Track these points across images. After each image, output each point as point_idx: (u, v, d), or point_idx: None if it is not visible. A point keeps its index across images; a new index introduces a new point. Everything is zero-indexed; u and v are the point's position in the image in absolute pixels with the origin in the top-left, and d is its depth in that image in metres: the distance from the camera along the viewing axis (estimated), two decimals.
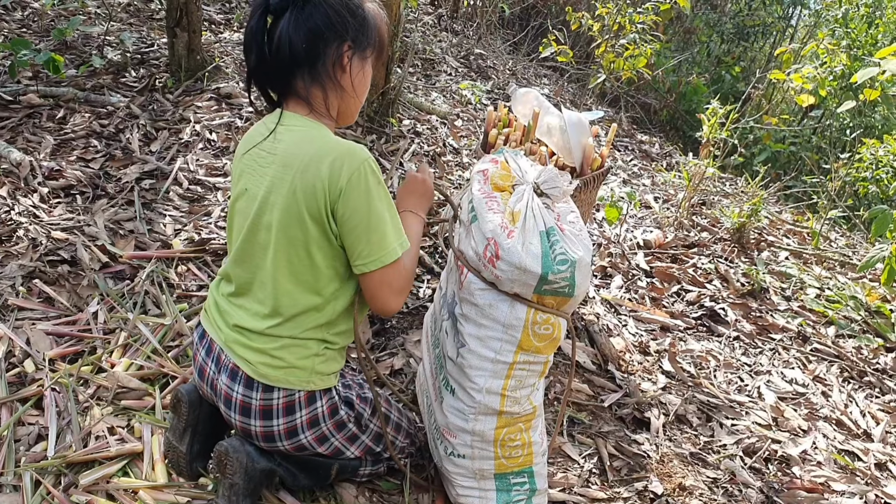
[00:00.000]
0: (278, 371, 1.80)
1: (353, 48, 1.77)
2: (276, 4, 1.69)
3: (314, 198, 1.67)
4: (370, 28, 1.80)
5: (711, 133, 4.62)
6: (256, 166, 1.79)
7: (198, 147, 3.76)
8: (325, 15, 1.70)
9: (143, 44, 4.75)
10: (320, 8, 1.70)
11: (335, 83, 1.77)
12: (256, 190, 1.77)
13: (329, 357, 1.87)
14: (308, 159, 1.68)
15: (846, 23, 7.45)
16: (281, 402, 1.82)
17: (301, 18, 1.69)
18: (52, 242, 2.86)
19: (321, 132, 1.75)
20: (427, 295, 3.10)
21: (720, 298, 3.80)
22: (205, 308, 1.99)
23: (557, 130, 2.82)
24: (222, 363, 1.86)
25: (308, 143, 1.72)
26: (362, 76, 1.83)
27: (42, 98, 3.86)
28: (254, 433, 1.85)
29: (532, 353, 1.93)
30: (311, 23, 1.69)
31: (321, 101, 1.79)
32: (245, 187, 1.81)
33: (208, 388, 1.91)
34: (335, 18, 1.71)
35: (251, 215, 1.78)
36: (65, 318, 2.60)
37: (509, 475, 2.09)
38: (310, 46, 1.71)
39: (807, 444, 2.80)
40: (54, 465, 2.02)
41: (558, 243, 1.84)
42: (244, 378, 1.81)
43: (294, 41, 1.69)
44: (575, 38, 8.07)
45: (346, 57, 1.76)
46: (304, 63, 1.73)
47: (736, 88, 9.40)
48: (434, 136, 4.78)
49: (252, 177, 1.79)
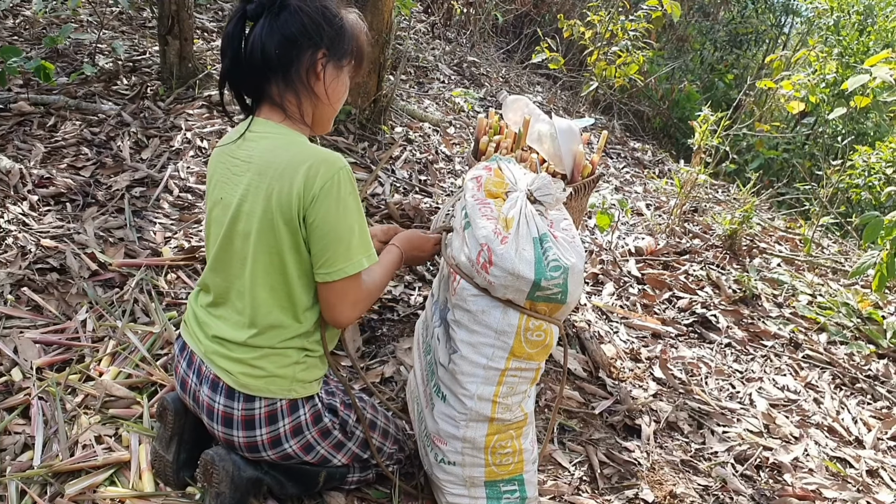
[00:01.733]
0: (259, 380, 1.79)
1: (327, 56, 1.77)
2: (253, 10, 1.71)
3: (289, 205, 1.68)
4: (347, 37, 1.80)
5: (703, 140, 4.63)
6: (230, 174, 1.78)
7: (189, 154, 3.75)
8: (300, 22, 1.71)
9: (135, 52, 4.74)
10: (296, 15, 1.71)
11: (309, 90, 1.78)
12: (230, 198, 1.77)
13: (310, 364, 1.87)
14: (283, 166, 1.68)
15: (838, 30, 7.48)
16: (263, 411, 1.81)
17: (276, 25, 1.70)
18: (42, 250, 2.85)
19: (297, 139, 1.76)
20: (418, 303, 3.09)
21: (712, 305, 3.80)
22: (184, 320, 1.98)
23: (548, 138, 2.82)
24: (203, 374, 1.85)
25: (283, 149, 1.72)
26: (337, 84, 1.83)
27: (33, 106, 3.85)
28: (237, 444, 1.84)
29: (524, 360, 1.93)
30: (286, 29, 1.70)
31: (295, 108, 1.79)
32: (220, 196, 1.81)
33: (191, 400, 1.91)
34: (310, 26, 1.72)
35: (226, 224, 1.78)
36: (53, 326, 2.58)
37: (500, 483, 2.08)
38: (282, 52, 1.71)
39: (798, 452, 2.80)
40: (40, 474, 2.00)
41: (551, 250, 1.84)
42: (225, 389, 1.80)
43: (267, 46, 1.70)
44: (568, 46, 8.09)
45: (320, 64, 1.77)
46: (277, 69, 1.73)
47: (729, 96, 9.43)
48: (426, 143, 4.78)
49: (226, 185, 1.79)
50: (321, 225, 1.69)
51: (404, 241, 2.10)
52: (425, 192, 4.10)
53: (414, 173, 4.28)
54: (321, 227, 1.69)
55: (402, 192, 4.03)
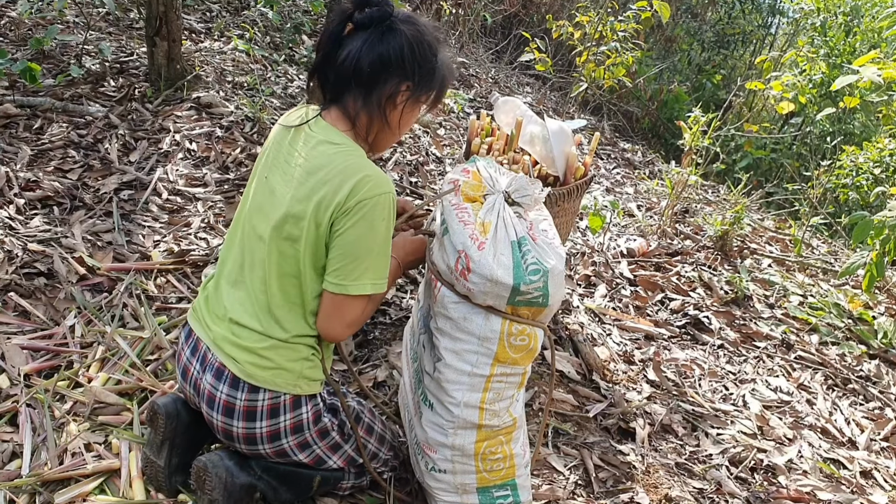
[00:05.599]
0: (266, 371, 1.78)
1: (411, 90, 1.78)
2: (360, 20, 1.71)
3: (327, 207, 1.69)
4: (436, 78, 1.81)
5: (693, 141, 4.62)
6: (285, 164, 1.80)
7: (177, 157, 3.72)
8: (399, 48, 1.71)
9: (122, 53, 4.69)
10: (398, 40, 1.71)
11: (382, 115, 1.78)
12: (274, 184, 1.79)
13: (316, 363, 1.87)
14: (338, 171, 1.70)
15: (825, 31, 7.51)
16: (266, 403, 1.80)
17: (376, 42, 1.71)
18: (29, 255, 2.81)
19: (357, 152, 1.76)
20: (410, 306, 3.07)
21: (704, 307, 3.80)
22: (193, 307, 1.97)
23: (540, 139, 2.81)
24: (208, 362, 1.84)
25: (343, 157, 1.73)
26: (410, 117, 1.86)
27: (19, 108, 3.80)
28: (235, 435, 1.82)
29: (509, 365, 1.92)
30: (385, 52, 1.70)
31: (364, 125, 1.81)
32: (266, 175, 1.83)
33: (191, 389, 1.89)
34: (407, 56, 1.72)
35: (261, 206, 1.80)
36: (41, 331, 2.55)
37: (492, 489, 2.06)
38: (373, 72, 1.72)
39: (792, 453, 2.79)
40: (29, 483, 1.97)
41: (530, 253, 1.83)
42: (230, 377, 1.79)
43: (361, 61, 1.71)
44: (557, 47, 8.08)
45: (403, 96, 1.77)
46: (361, 84, 1.74)
47: (717, 96, 9.45)
48: (416, 145, 4.76)
49: (275, 170, 1.81)
50: (344, 236, 1.71)
51: (398, 248, 2.07)
52: (416, 195, 4.08)
53: (405, 175, 4.26)
54: (343, 238, 1.71)
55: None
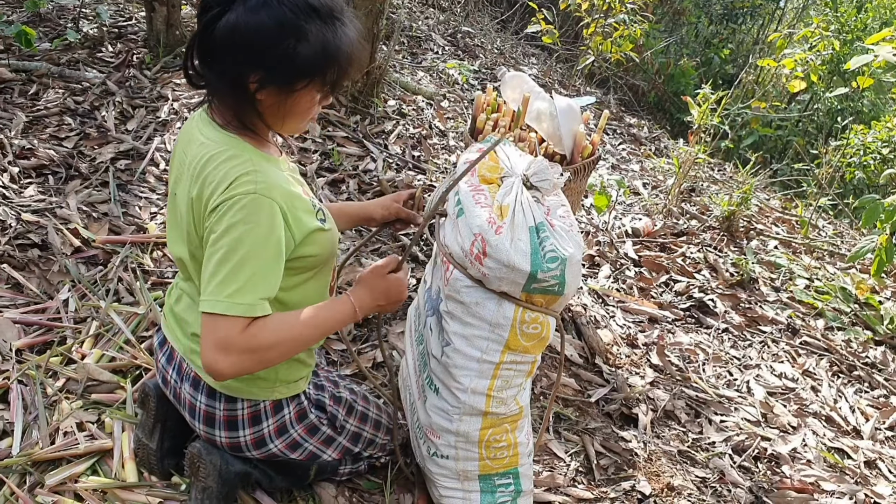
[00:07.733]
0: (240, 382, 1.70)
1: (263, 79, 1.47)
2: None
3: (196, 213, 1.51)
4: (299, 62, 1.46)
5: (702, 119, 4.53)
6: (176, 169, 1.64)
7: (176, 126, 3.64)
8: (233, 31, 1.42)
9: (121, 17, 4.59)
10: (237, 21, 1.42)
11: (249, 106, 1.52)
12: (174, 191, 1.64)
13: (293, 364, 1.77)
14: (207, 173, 1.48)
15: (836, 6, 7.38)
16: (246, 412, 1.74)
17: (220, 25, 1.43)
18: (22, 225, 2.75)
19: (234, 145, 1.53)
20: (411, 285, 3.01)
21: (709, 289, 3.74)
22: (163, 313, 1.87)
23: (547, 116, 2.73)
24: (184, 371, 1.76)
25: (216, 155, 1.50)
26: (291, 104, 1.53)
27: (14, 72, 3.71)
28: (219, 444, 1.77)
29: (519, 353, 1.86)
30: (222, 34, 1.43)
31: (235, 117, 1.55)
32: (174, 191, 1.64)
33: (172, 397, 1.83)
34: (257, 41, 1.43)
35: (174, 217, 1.65)
36: (34, 305, 2.49)
37: (494, 476, 2.02)
38: (216, 59, 1.48)
39: (796, 442, 2.75)
40: (19, 462, 1.93)
41: (548, 240, 1.76)
42: (206, 388, 1.72)
43: (207, 45, 1.47)
44: (564, 18, 7.94)
45: (254, 86, 1.48)
46: (212, 74, 1.50)
47: (724, 70, 9.32)
48: (420, 117, 4.67)
49: (176, 179, 1.63)
50: (207, 242, 1.48)
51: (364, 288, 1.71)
52: (418, 169, 4.00)
53: (407, 149, 4.18)
54: (207, 244, 1.48)
55: (395, 168, 3.94)
